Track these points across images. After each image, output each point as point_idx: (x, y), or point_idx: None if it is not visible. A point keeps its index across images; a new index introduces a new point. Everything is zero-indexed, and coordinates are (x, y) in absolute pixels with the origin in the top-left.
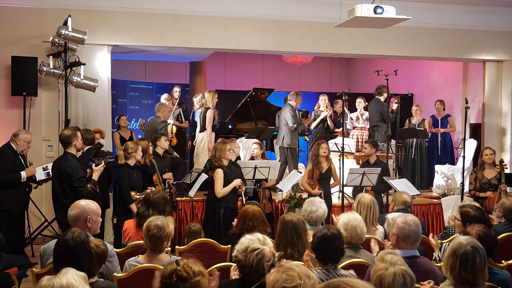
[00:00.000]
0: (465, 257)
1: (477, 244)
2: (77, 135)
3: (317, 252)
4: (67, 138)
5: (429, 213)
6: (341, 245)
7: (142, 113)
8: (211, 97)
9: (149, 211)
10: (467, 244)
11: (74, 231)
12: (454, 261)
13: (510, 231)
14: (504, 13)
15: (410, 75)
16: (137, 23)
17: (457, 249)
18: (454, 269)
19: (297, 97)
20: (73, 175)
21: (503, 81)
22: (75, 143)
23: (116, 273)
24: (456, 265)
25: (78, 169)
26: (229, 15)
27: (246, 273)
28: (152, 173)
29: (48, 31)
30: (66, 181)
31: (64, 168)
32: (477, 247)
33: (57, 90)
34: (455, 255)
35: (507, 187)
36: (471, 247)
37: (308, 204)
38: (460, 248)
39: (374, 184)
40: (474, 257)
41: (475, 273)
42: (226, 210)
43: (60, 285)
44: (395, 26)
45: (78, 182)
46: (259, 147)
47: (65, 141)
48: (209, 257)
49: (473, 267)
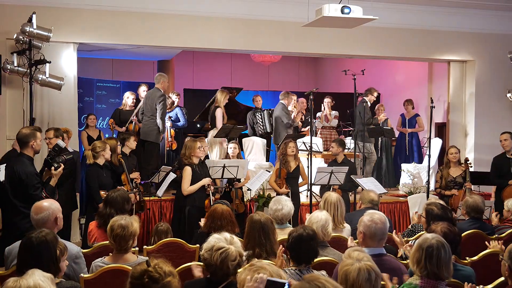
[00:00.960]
0: (430, 250)
1: (442, 240)
2: (36, 136)
3: (291, 252)
4: (24, 137)
5: (395, 211)
6: (315, 246)
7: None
8: (223, 97)
9: (106, 210)
10: (432, 239)
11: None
12: (420, 254)
13: (474, 229)
14: (468, 14)
15: (376, 75)
16: (104, 21)
17: (422, 243)
18: (420, 262)
19: (288, 96)
20: (27, 182)
21: (467, 81)
22: (32, 143)
23: (82, 274)
24: (422, 258)
25: (33, 175)
26: (197, 14)
27: (212, 271)
28: (121, 173)
29: (12, 28)
30: (19, 186)
31: (18, 172)
32: (442, 241)
33: (21, 89)
34: (421, 248)
35: (471, 185)
36: (436, 241)
37: (273, 202)
38: (425, 242)
39: (342, 183)
40: (439, 250)
41: (440, 265)
42: (192, 209)
43: (27, 286)
44: (362, 26)
45: (33, 189)
46: (236, 147)
47: (22, 140)
48: (178, 257)
49: (438, 260)
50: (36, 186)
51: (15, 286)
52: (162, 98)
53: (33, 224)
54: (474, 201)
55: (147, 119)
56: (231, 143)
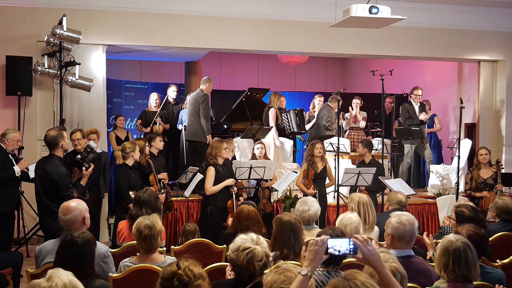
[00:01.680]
0: (458, 253)
1: (467, 241)
2: (63, 136)
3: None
4: (53, 139)
5: (424, 213)
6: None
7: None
8: (276, 98)
9: (142, 211)
10: (457, 241)
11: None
12: (447, 258)
13: (505, 231)
14: (499, 13)
15: (405, 75)
16: (133, 22)
17: (449, 247)
18: (448, 266)
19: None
20: (60, 183)
21: (497, 81)
22: (62, 144)
23: (111, 273)
24: (449, 262)
25: (65, 176)
26: (225, 15)
27: (238, 272)
28: (149, 173)
29: (42, 30)
30: (52, 187)
31: (51, 173)
32: (467, 243)
33: (52, 90)
34: (447, 252)
35: (503, 187)
36: (461, 243)
37: (300, 203)
38: (451, 245)
39: (369, 184)
40: (466, 252)
41: (469, 267)
42: (214, 209)
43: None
44: (390, 26)
45: (66, 189)
46: (263, 147)
47: (51, 142)
48: (205, 257)
49: (467, 262)
50: (68, 187)
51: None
52: (204, 98)
53: (62, 225)
54: (504, 202)
55: (192, 119)
56: (257, 144)
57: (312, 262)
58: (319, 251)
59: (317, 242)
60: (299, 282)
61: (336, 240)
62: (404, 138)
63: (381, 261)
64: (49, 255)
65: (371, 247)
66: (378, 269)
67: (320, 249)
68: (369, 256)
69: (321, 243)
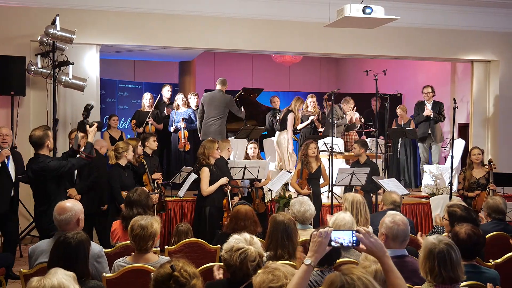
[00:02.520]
0: (442, 255)
1: (448, 241)
2: (49, 135)
3: None
4: (39, 139)
5: (417, 213)
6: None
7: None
8: (299, 103)
9: (133, 211)
10: (440, 243)
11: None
12: (432, 263)
13: (497, 230)
14: (493, 13)
15: (398, 75)
16: (126, 22)
17: (432, 250)
18: (434, 270)
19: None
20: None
21: (490, 81)
22: (47, 143)
23: (105, 273)
24: (434, 266)
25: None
26: (219, 15)
27: (231, 272)
28: (142, 173)
29: (36, 30)
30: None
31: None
32: (449, 243)
33: (45, 90)
34: (431, 255)
35: (495, 187)
36: (444, 244)
37: (299, 204)
38: (434, 248)
39: (363, 184)
40: (450, 253)
41: (454, 268)
42: (212, 209)
43: (52, 285)
44: (384, 26)
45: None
46: (256, 147)
47: (37, 142)
48: (198, 257)
49: (452, 263)
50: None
51: (39, 286)
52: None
53: (56, 225)
54: (495, 202)
55: (212, 119)
56: (251, 144)
57: (315, 253)
58: (322, 243)
59: (321, 234)
60: (303, 272)
61: (339, 232)
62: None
63: (384, 251)
64: (42, 255)
65: (373, 239)
66: (381, 259)
67: (324, 240)
68: (372, 247)
69: (324, 234)
